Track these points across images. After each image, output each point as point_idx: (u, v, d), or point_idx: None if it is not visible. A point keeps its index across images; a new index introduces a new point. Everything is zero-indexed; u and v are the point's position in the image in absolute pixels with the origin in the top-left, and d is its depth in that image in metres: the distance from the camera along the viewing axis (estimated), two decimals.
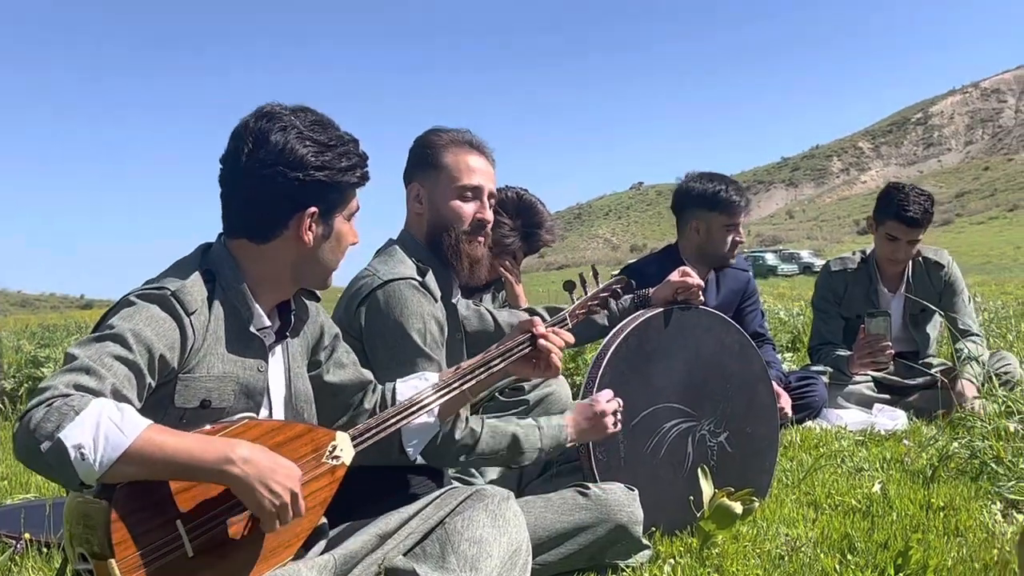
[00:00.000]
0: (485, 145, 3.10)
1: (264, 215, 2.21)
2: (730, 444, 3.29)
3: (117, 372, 1.90)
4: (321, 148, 2.19)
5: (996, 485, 3.49)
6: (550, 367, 2.64)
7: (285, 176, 2.16)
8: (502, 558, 2.25)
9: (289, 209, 2.20)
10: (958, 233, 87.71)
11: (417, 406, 2.37)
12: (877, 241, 5.36)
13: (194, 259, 2.24)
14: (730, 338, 3.38)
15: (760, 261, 58.21)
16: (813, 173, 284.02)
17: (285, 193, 2.18)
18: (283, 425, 2.11)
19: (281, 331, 2.32)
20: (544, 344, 2.62)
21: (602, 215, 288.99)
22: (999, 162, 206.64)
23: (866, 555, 2.84)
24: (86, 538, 1.84)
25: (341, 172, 2.22)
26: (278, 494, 1.90)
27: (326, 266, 2.30)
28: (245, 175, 2.19)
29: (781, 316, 10.00)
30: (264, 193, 2.18)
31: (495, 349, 2.60)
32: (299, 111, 2.24)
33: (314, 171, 2.17)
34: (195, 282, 2.14)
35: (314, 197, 2.20)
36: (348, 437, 2.22)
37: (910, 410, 5.13)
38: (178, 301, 2.07)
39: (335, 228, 2.27)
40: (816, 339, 5.61)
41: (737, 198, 4.64)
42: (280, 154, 2.16)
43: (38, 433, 1.73)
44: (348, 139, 2.27)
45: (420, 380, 2.61)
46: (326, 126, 2.24)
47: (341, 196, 2.26)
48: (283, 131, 2.17)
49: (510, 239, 4.28)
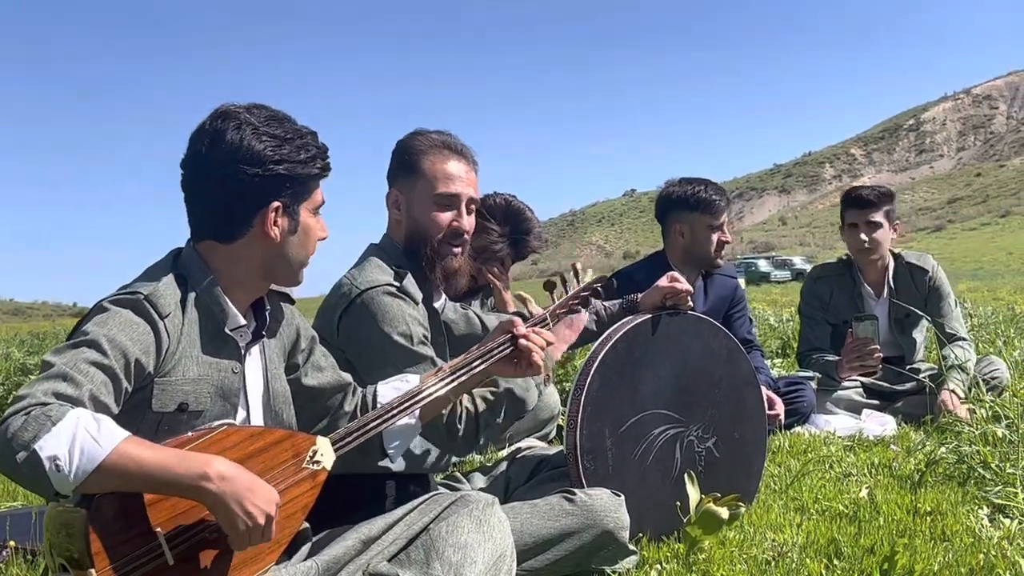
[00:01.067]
0: (467, 149, 3.07)
1: (228, 214, 2.21)
2: (718, 449, 3.29)
3: (94, 378, 1.90)
4: (278, 142, 2.19)
5: (983, 490, 3.49)
6: (532, 366, 2.63)
7: (244, 173, 2.16)
8: (487, 564, 2.25)
9: (252, 206, 2.20)
10: (950, 239, 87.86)
11: (398, 409, 2.37)
12: (847, 241, 5.45)
13: (166, 263, 2.23)
14: (718, 343, 3.38)
15: (753, 267, 58.24)
16: (805, 180, 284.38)
17: (246, 190, 2.18)
18: (263, 431, 2.10)
19: (257, 331, 2.32)
20: (525, 344, 2.62)
21: (595, 222, 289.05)
22: (991, 168, 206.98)
23: (852, 560, 2.84)
24: (66, 547, 1.83)
25: (300, 164, 2.22)
26: (252, 515, 1.89)
27: (295, 260, 2.30)
28: (205, 177, 2.20)
29: (771, 322, 10.01)
30: (225, 192, 2.19)
31: (476, 350, 2.60)
32: (254, 108, 2.24)
33: (273, 165, 2.17)
34: (167, 285, 2.14)
35: (276, 191, 2.20)
36: (329, 442, 2.22)
37: (898, 416, 5.14)
38: (151, 305, 2.07)
39: (301, 221, 2.27)
40: (804, 345, 5.62)
41: (717, 197, 4.66)
42: (237, 151, 2.16)
43: (14, 443, 1.73)
44: (305, 132, 2.27)
45: (401, 382, 2.61)
46: (282, 120, 2.24)
47: (303, 188, 2.25)
48: (238, 129, 2.18)
49: (498, 245, 4.28)
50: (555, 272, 3.07)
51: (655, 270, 4.17)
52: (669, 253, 4.82)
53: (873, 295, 5.44)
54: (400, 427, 2.49)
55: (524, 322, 2.70)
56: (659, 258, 4.87)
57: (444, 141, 3.04)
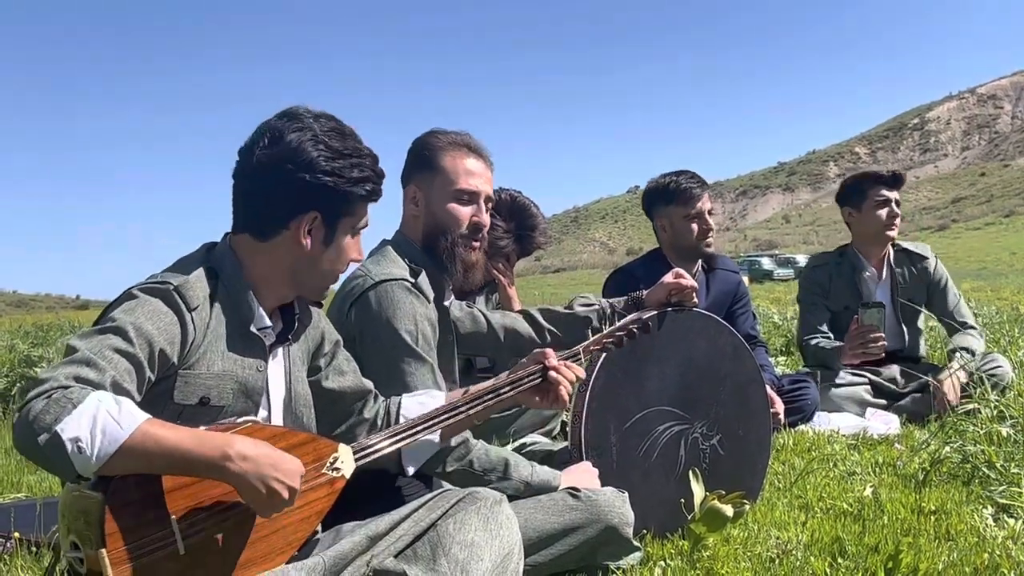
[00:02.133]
0: (484, 149, 3.10)
1: (266, 211, 2.23)
2: (722, 447, 3.29)
3: (117, 365, 1.91)
4: (333, 154, 2.20)
5: (987, 489, 3.49)
6: (558, 400, 2.64)
7: (292, 175, 2.17)
8: (494, 562, 2.25)
9: (291, 209, 2.21)
10: (954, 239, 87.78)
11: (423, 427, 2.38)
12: (867, 219, 5.45)
13: (198, 256, 2.25)
14: (723, 340, 3.37)
15: (756, 265, 58.20)
16: (809, 178, 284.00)
17: (289, 191, 2.19)
18: (286, 432, 2.11)
19: (283, 333, 2.32)
20: (555, 376, 2.62)
21: (599, 219, 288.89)
22: (995, 168, 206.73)
23: (857, 558, 2.83)
24: (79, 529, 1.85)
25: (350, 182, 2.22)
26: (276, 492, 1.91)
27: (323, 276, 2.31)
28: (255, 169, 2.22)
29: (775, 320, 10.00)
30: (269, 188, 2.20)
31: (505, 377, 2.61)
32: (322, 116, 2.26)
33: (321, 175, 2.18)
34: (198, 278, 2.15)
35: (317, 201, 2.21)
36: (350, 450, 2.22)
37: (902, 414, 5.14)
38: (180, 296, 2.08)
39: (337, 238, 2.28)
40: (805, 330, 5.62)
41: (688, 186, 4.67)
42: (291, 152, 2.18)
43: (36, 425, 1.74)
44: (365, 152, 2.27)
45: (428, 397, 2.63)
46: (345, 136, 2.25)
47: (347, 206, 2.26)
48: (300, 131, 2.20)
49: (504, 241, 4.28)
50: (559, 269, 3.08)
51: (654, 266, 4.18)
52: (662, 248, 4.84)
53: (875, 276, 5.48)
54: (420, 443, 2.50)
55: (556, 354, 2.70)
56: (657, 254, 4.89)
57: (463, 140, 3.06)
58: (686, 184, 4.67)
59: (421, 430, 2.38)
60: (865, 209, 5.44)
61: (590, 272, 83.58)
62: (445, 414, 2.43)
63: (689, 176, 4.72)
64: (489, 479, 2.70)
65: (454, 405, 2.47)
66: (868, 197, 5.43)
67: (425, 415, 2.41)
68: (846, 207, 5.57)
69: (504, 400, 2.58)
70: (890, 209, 5.39)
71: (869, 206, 5.43)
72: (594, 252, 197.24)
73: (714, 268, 4.92)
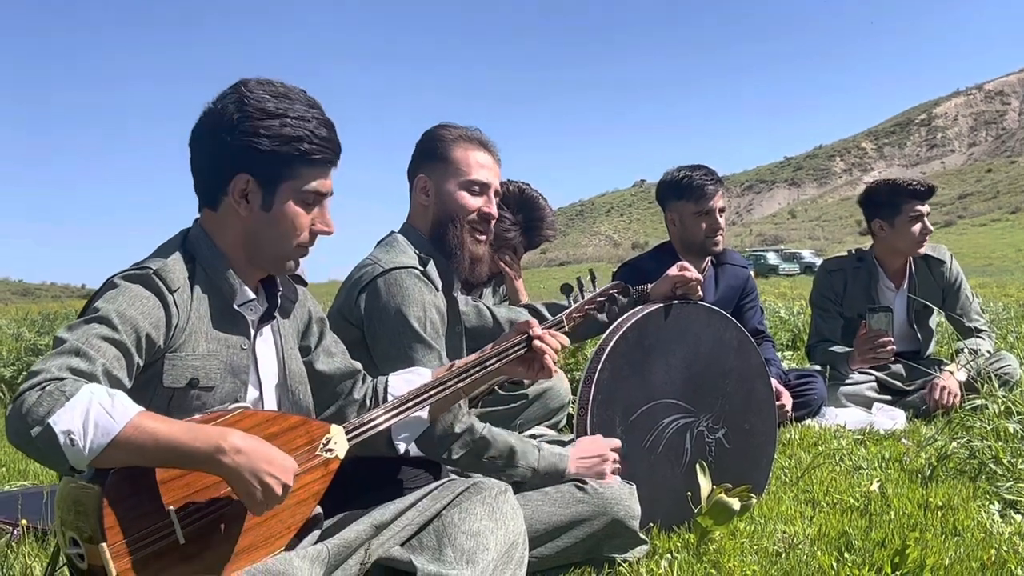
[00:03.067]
0: (492, 144, 3.11)
1: (205, 178, 2.23)
2: (728, 440, 3.29)
3: (106, 353, 1.91)
4: (262, 115, 2.15)
5: (994, 485, 3.49)
6: (544, 368, 2.64)
7: (219, 137, 2.16)
8: (499, 551, 2.25)
9: (222, 172, 2.19)
10: (960, 235, 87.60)
11: (412, 403, 2.37)
12: (901, 234, 5.32)
13: (175, 242, 2.24)
14: (729, 334, 3.37)
15: (761, 260, 58.19)
16: (816, 173, 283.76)
17: (217, 154, 2.18)
18: (278, 416, 2.10)
19: (269, 310, 2.31)
20: (539, 345, 2.62)
21: (604, 212, 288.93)
22: (1002, 164, 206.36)
23: (863, 553, 2.83)
24: (77, 524, 1.84)
25: (277, 140, 2.15)
26: (269, 486, 1.90)
27: (273, 245, 2.23)
28: (193, 139, 2.22)
29: (781, 315, 9.99)
30: (204, 154, 2.21)
31: (491, 348, 2.60)
32: (264, 82, 2.21)
33: (241, 134, 2.14)
34: (176, 260, 2.15)
35: (245, 162, 2.16)
36: (343, 430, 2.22)
37: (909, 410, 5.13)
38: (160, 279, 2.08)
39: (276, 203, 2.20)
40: (815, 337, 5.61)
41: (702, 182, 4.63)
42: (217, 116, 2.17)
43: (29, 417, 1.73)
44: (307, 115, 2.20)
45: (414, 375, 2.61)
46: (283, 97, 2.19)
47: (282, 168, 2.18)
48: (229, 95, 2.18)
49: (511, 233, 4.27)
50: (564, 262, 3.07)
51: (663, 260, 4.16)
52: (673, 242, 4.83)
53: (892, 287, 5.43)
54: (410, 420, 2.48)
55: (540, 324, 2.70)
56: (667, 247, 4.87)
57: (473, 134, 3.08)
58: (699, 180, 4.64)
59: (412, 405, 2.37)
60: (899, 224, 5.31)
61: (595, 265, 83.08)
62: (434, 389, 2.43)
63: (704, 173, 4.68)
64: (496, 465, 2.70)
65: (442, 380, 2.46)
66: (903, 212, 5.28)
67: (414, 391, 2.40)
68: (877, 219, 5.39)
69: (490, 371, 2.57)
70: (923, 225, 5.27)
71: (903, 221, 5.29)
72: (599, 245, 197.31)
73: (723, 263, 4.91)
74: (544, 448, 2.79)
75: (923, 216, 5.28)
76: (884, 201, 5.36)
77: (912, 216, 5.27)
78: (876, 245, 5.48)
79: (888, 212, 5.33)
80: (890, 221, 5.34)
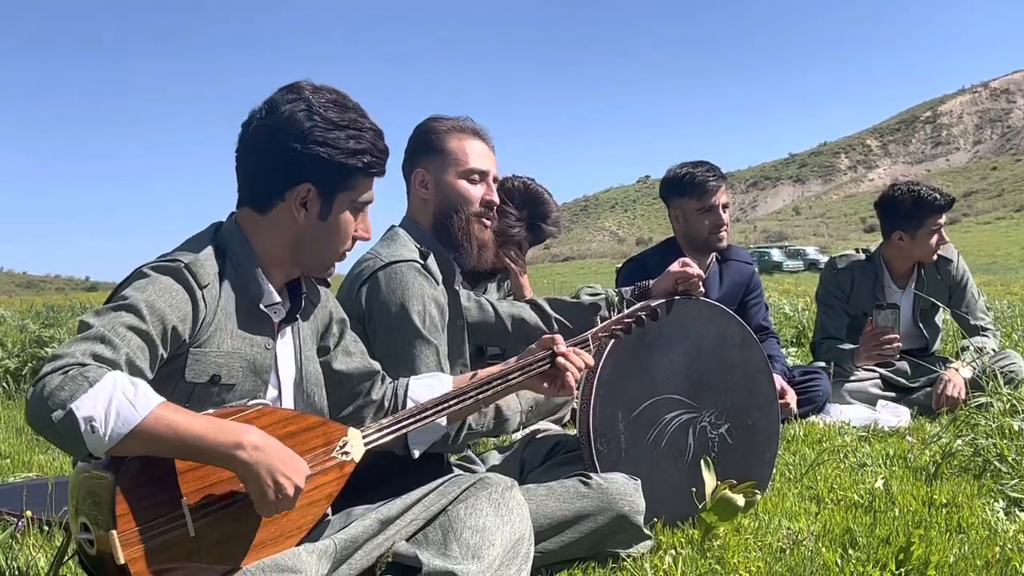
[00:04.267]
0: (485, 131, 3.13)
1: (262, 182, 2.23)
2: (731, 436, 3.29)
3: (131, 342, 1.91)
4: (329, 126, 2.18)
5: (999, 483, 3.48)
6: (565, 386, 2.64)
7: (284, 144, 2.17)
8: (504, 547, 2.25)
9: (284, 179, 2.20)
10: (965, 232, 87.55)
11: (432, 411, 2.38)
12: (918, 245, 5.30)
13: (207, 235, 2.25)
14: (731, 330, 3.37)
15: (766, 257, 58.22)
16: (820, 170, 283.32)
17: (282, 162, 2.18)
18: (296, 415, 2.11)
19: (291, 312, 2.32)
20: (563, 363, 2.62)
21: (608, 208, 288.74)
22: (1007, 162, 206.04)
23: (868, 550, 2.83)
24: (90, 511, 1.86)
25: (344, 153, 2.19)
26: (282, 487, 1.91)
27: (324, 251, 2.28)
28: (251, 140, 2.23)
29: (786, 311, 9.98)
30: (263, 159, 2.21)
31: (514, 362, 2.62)
32: (323, 89, 2.24)
33: (313, 145, 2.16)
34: (208, 256, 2.15)
35: (310, 172, 2.19)
36: (360, 434, 2.22)
37: (913, 407, 5.13)
38: (191, 273, 2.09)
39: (334, 212, 2.25)
40: (820, 334, 5.61)
41: (704, 178, 4.63)
42: (284, 122, 2.17)
43: (51, 401, 1.74)
44: (365, 125, 2.24)
45: (435, 380, 2.63)
46: (343, 107, 2.23)
47: (343, 179, 2.23)
48: (295, 102, 2.19)
49: (516, 229, 4.27)
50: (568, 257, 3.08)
51: (667, 256, 4.16)
52: (677, 239, 4.83)
53: (897, 288, 5.42)
54: (428, 426, 2.48)
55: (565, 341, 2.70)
56: (672, 243, 4.87)
57: (466, 124, 3.09)
58: (701, 177, 4.63)
59: (432, 414, 2.38)
60: (920, 236, 5.28)
61: (599, 261, 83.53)
62: (455, 399, 2.44)
63: (706, 169, 4.68)
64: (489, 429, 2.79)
65: (463, 390, 2.47)
66: (925, 225, 5.26)
67: (435, 399, 2.41)
68: (898, 230, 5.34)
69: (513, 386, 2.59)
70: (940, 236, 5.28)
71: (925, 233, 5.27)
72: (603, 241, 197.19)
73: (728, 259, 4.90)
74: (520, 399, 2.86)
75: (942, 227, 5.29)
76: (906, 213, 5.30)
77: (933, 229, 5.27)
78: (889, 250, 5.45)
79: (909, 224, 5.29)
80: (911, 233, 5.30)
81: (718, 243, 4.70)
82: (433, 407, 2.39)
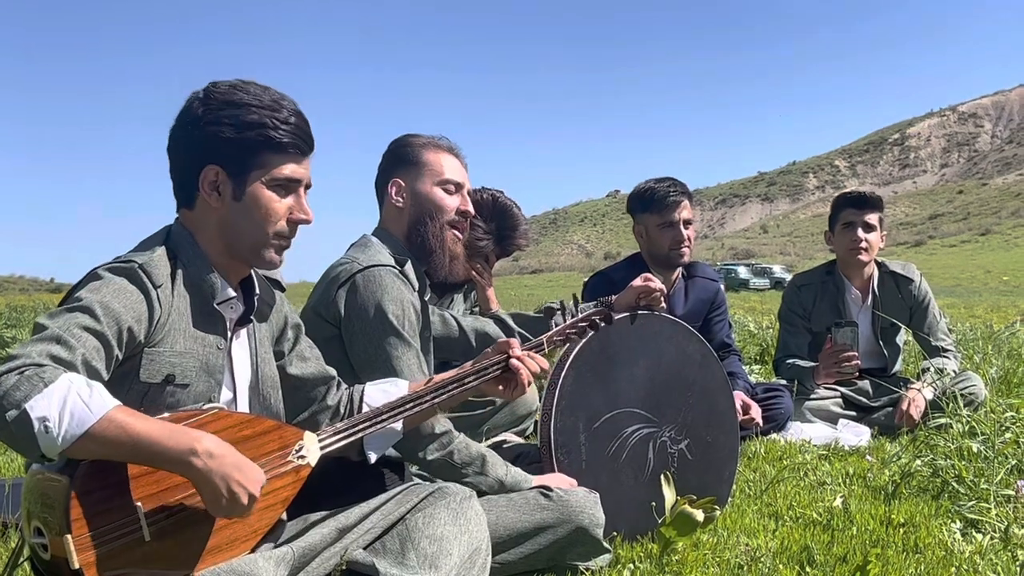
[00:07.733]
0: (459, 149, 3.15)
1: (179, 177, 2.24)
2: (691, 452, 3.30)
3: (87, 343, 1.89)
4: (221, 105, 2.16)
5: (956, 504, 3.50)
6: (519, 388, 2.67)
7: (185, 134, 2.18)
8: (462, 557, 2.25)
9: (192, 167, 2.19)
10: (930, 255, 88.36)
11: (387, 415, 2.38)
12: (838, 242, 5.45)
13: (159, 237, 2.24)
14: (692, 347, 3.38)
15: (732, 274, 58.55)
16: (789, 189, 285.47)
17: (184, 150, 2.20)
18: (252, 419, 2.10)
19: (246, 313, 2.31)
20: (515, 364, 2.65)
21: (577, 221, 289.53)
22: (973, 186, 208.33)
23: (825, 568, 2.84)
24: (43, 515, 1.83)
25: (238, 127, 2.16)
26: (236, 495, 1.89)
27: (248, 234, 2.22)
28: (168, 144, 2.24)
29: (750, 328, 10.03)
30: (174, 155, 2.22)
31: (470, 366, 2.63)
32: (237, 81, 2.23)
33: (206, 125, 2.16)
34: (160, 256, 2.14)
35: (212, 154, 2.17)
36: (316, 438, 2.22)
37: (874, 427, 5.16)
38: (145, 274, 2.07)
39: (249, 192, 2.20)
40: (782, 352, 5.64)
41: (666, 193, 4.68)
42: (183, 114, 2.19)
43: (6, 401, 1.72)
44: (267, 101, 2.20)
45: (391, 385, 2.62)
46: (240, 89, 2.21)
47: (250, 157, 2.18)
48: (199, 94, 2.20)
49: (484, 242, 4.27)
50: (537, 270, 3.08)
51: (633, 271, 4.17)
52: (642, 254, 4.86)
53: (858, 301, 5.46)
54: (384, 430, 2.48)
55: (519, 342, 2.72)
56: (637, 258, 4.90)
57: (440, 141, 3.12)
58: (663, 192, 4.67)
59: (387, 418, 2.38)
60: (837, 231, 5.45)
61: (567, 274, 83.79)
62: (411, 403, 2.44)
63: (669, 184, 4.71)
64: (466, 473, 2.71)
65: (419, 394, 2.47)
66: (839, 219, 5.44)
67: (390, 403, 2.41)
68: (827, 231, 5.58)
69: (468, 389, 2.60)
70: (854, 233, 5.33)
71: (840, 228, 5.43)
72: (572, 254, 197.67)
73: (693, 275, 4.93)
74: (511, 467, 2.81)
75: (857, 224, 5.34)
76: (831, 213, 5.56)
77: (845, 223, 5.38)
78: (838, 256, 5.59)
79: (832, 221, 5.52)
80: (833, 229, 5.51)
81: (679, 259, 4.72)
82: (389, 411, 2.38)
